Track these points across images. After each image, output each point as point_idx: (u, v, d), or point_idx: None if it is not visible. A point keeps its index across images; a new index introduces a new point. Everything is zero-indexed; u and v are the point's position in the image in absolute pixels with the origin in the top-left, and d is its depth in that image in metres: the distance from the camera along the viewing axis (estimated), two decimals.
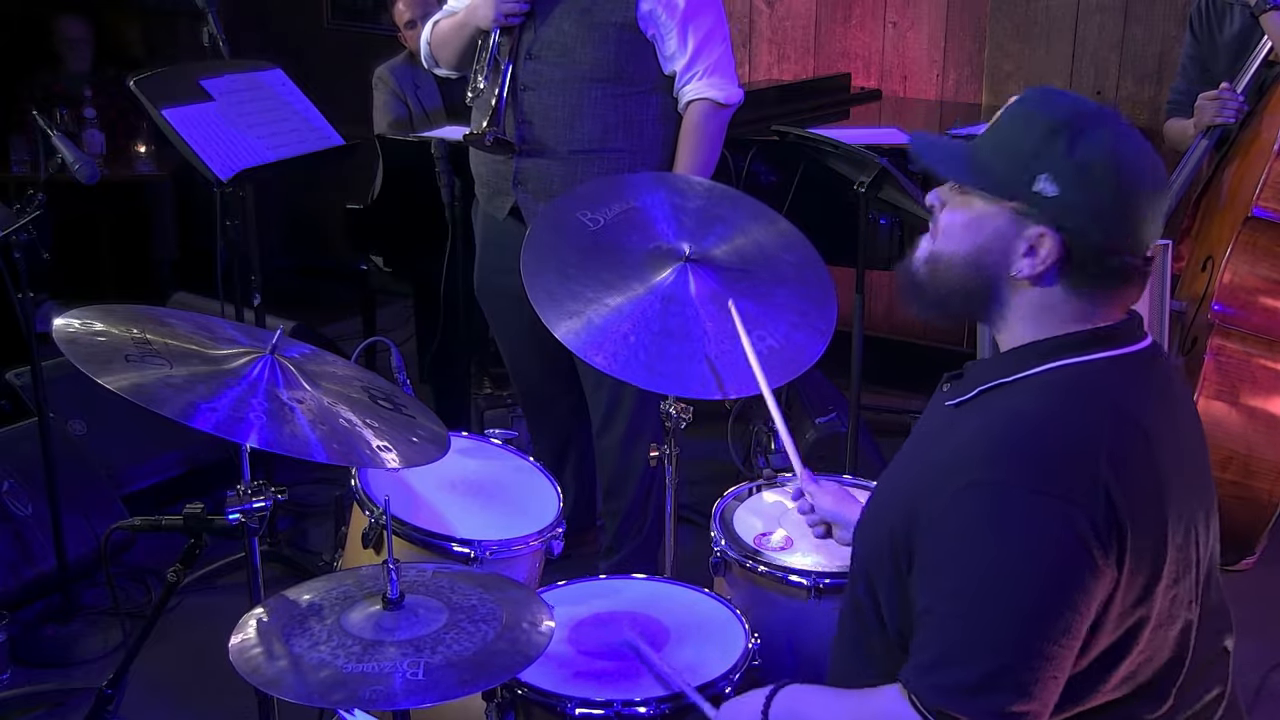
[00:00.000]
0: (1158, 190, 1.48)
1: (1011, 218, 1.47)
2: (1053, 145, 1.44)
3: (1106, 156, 1.43)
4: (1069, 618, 1.38)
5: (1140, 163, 1.46)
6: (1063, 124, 1.45)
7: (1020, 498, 1.40)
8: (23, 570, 3.33)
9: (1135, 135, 1.48)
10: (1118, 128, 1.46)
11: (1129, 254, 1.47)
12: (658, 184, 2.55)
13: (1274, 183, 3.02)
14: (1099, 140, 1.44)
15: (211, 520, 2.10)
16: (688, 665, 1.96)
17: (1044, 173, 1.44)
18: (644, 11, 2.97)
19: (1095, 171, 1.43)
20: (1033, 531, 1.39)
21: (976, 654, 1.40)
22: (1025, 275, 1.48)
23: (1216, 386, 2.94)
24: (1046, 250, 1.46)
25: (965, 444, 1.47)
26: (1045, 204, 1.44)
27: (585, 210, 2.42)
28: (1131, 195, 1.45)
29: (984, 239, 1.50)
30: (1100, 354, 1.49)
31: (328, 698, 1.65)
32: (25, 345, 3.16)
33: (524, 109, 3.05)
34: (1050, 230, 1.45)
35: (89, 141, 5.22)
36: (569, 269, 2.33)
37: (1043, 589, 1.38)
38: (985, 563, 1.40)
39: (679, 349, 2.23)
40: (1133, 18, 4.42)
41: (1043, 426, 1.45)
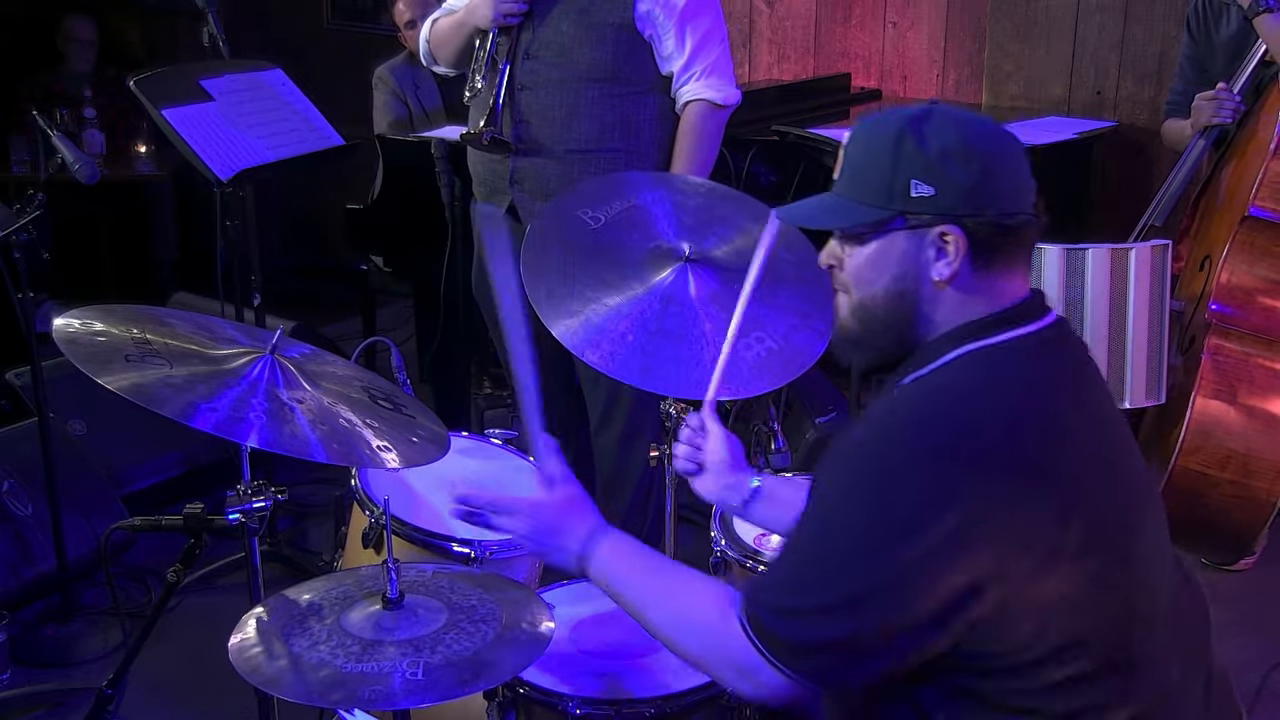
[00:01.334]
0: (1012, 146, 1.52)
1: (908, 235, 1.50)
2: (904, 152, 1.49)
3: (956, 138, 1.48)
4: (909, 593, 1.39)
5: (985, 131, 1.51)
6: (902, 131, 1.49)
7: (901, 455, 1.42)
8: (23, 570, 3.33)
9: (965, 114, 1.54)
10: (948, 113, 1.52)
11: (1020, 210, 1.50)
12: (659, 183, 2.56)
13: (1271, 182, 3.02)
14: (940, 128, 1.49)
15: (211, 520, 2.10)
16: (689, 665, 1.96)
17: (912, 178, 1.48)
18: (641, 12, 2.97)
19: (954, 154, 1.47)
20: (910, 482, 1.40)
21: (802, 587, 1.45)
22: (945, 277, 1.50)
23: (1214, 386, 2.94)
24: (954, 244, 1.49)
25: (868, 420, 1.51)
26: (930, 203, 1.48)
27: (586, 208, 2.43)
28: (994, 160, 1.49)
29: (895, 265, 1.52)
30: (1004, 335, 1.51)
31: (327, 697, 1.65)
32: (25, 345, 3.17)
33: (521, 108, 3.05)
34: (948, 224, 1.48)
35: (89, 141, 5.22)
36: (569, 267, 2.33)
37: (883, 551, 1.39)
38: (839, 509, 1.45)
39: (676, 350, 2.23)
40: (1133, 18, 4.42)
41: (939, 398, 1.48)
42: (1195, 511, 2.92)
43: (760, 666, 1.46)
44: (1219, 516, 2.95)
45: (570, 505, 1.74)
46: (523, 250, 2.37)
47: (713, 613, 1.53)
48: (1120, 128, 4.40)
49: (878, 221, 1.51)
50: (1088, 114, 4.46)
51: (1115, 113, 4.49)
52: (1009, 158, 1.51)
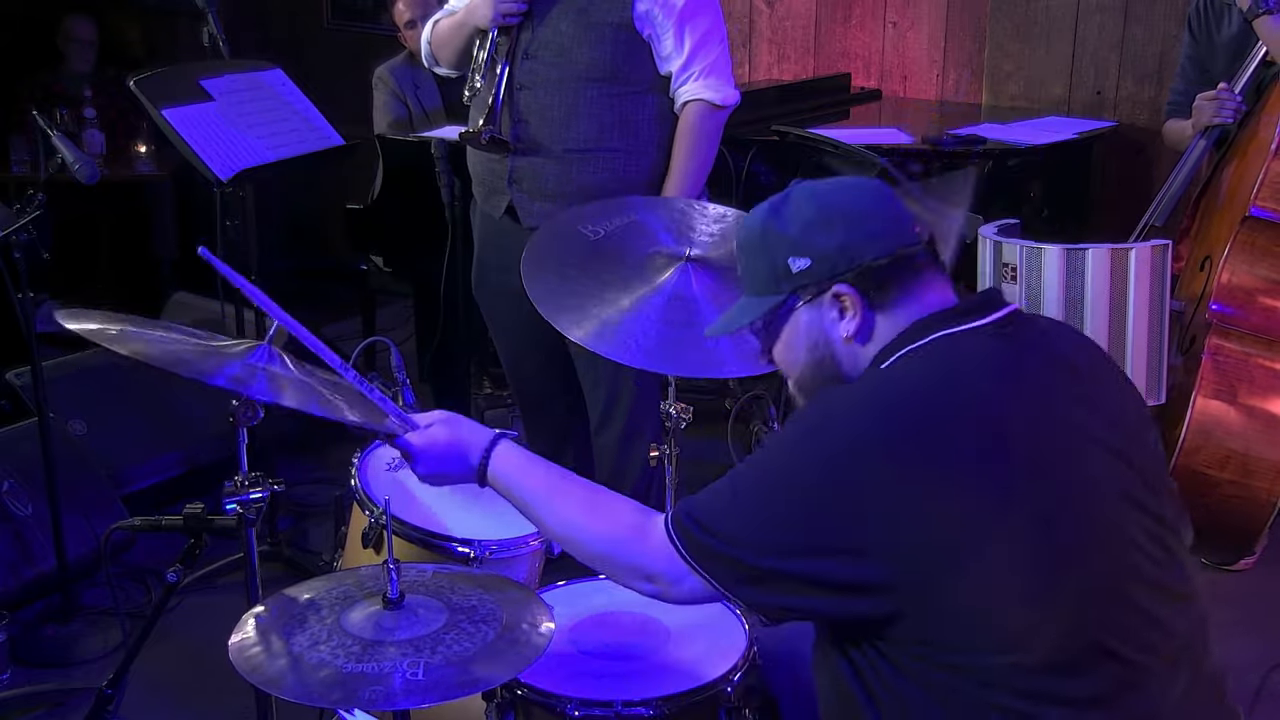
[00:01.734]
0: (869, 192, 1.63)
1: (806, 308, 1.62)
2: (771, 237, 1.62)
3: (812, 209, 1.61)
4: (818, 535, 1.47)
5: (837, 189, 1.64)
6: (764, 220, 1.64)
7: (832, 412, 1.53)
8: (23, 570, 3.33)
9: (814, 183, 1.65)
10: (802, 188, 1.64)
11: (901, 247, 1.59)
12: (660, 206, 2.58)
13: (1272, 182, 3.02)
14: (796, 206, 1.62)
15: (211, 520, 2.10)
16: (687, 666, 1.96)
17: (787, 257, 1.60)
18: (640, 11, 2.97)
19: (814, 223, 1.60)
20: (833, 433, 1.51)
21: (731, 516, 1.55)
22: (852, 333, 1.60)
23: (1215, 386, 2.94)
24: (849, 300, 1.59)
25: None
26: (811, 273, 1.60)
27: (586, 224, 2.44)
28: (854, 214, 1.60)
29: (806, 340, 1.64)
30: (940, 332, 1.57)
31: (327, 697, 1.65)
32: (25, 345, 3.16)
33: (520, 108, 3.05)
34: (835, 284, 1.59)
35: (89, 141, 5.22)
36: (569, 271, 2.34)
37: (799, 499, 1.50)
38: (772, 456, 1.59)
39: (680, 336, 2.24)
40: (1133, 18, 4.42)
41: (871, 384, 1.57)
42: (1195, 512, 2.89)
43: (678, 572, 1.58)
44: (1219, 516, 2.95)
45: (458, 428, 1.81)
46: (522, 266, 2.37)
47: (626, 519, 1.68)
48: (1120, 128, 4.40)
49: (775, 306, 1.64)
50: (1088, 114, 4.46)
51: (1115, 113, 4.49)
52: (867, 204, 1.62)
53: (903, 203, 1.64)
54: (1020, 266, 2.79)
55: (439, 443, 1.80)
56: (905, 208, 1.64)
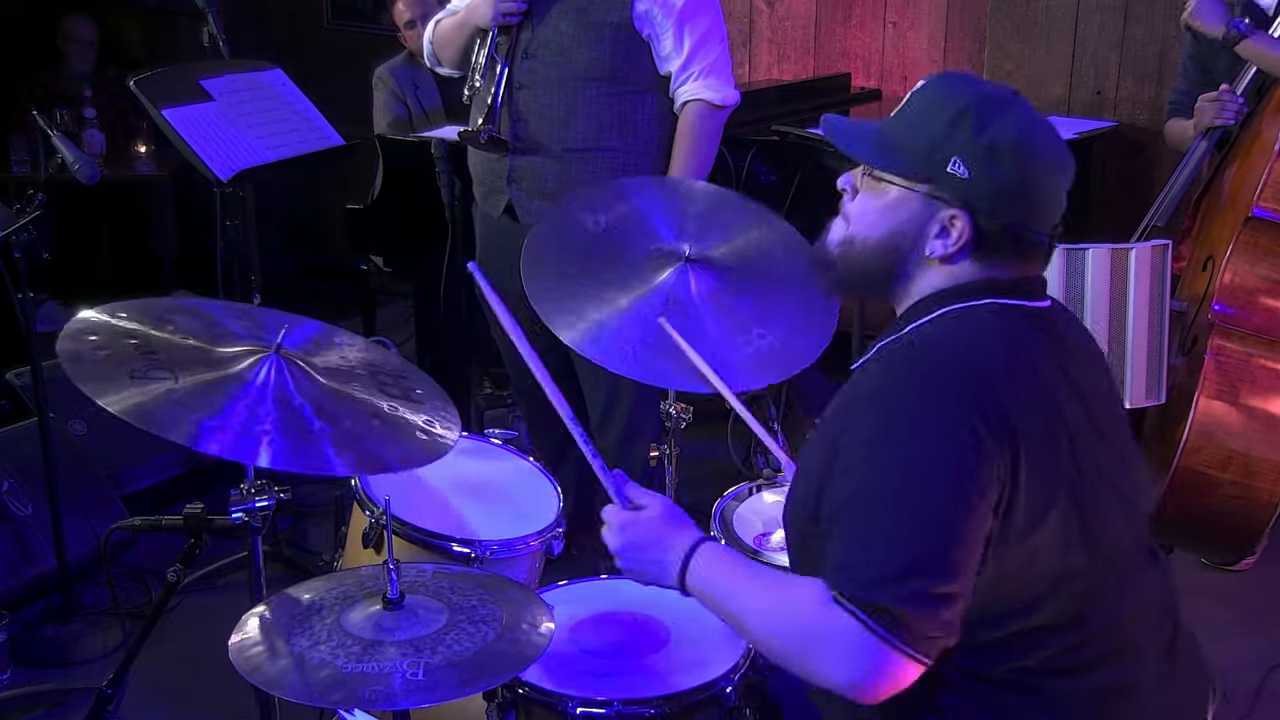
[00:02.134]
0: (1063, 169, 1.55)
1: (924, 201, 1.53)
2: (961, 128, 1.50)
3: (1013, 138, 1.50)
4: (971, 498, 1.40)
5: (1046, 144, 1.53)
6: (969, 108, 1.51)
7: (908, 400, 1.46)
8: (23, 570, 3.33)
9: (1038, 117, 1.55)
10: (1022, 110, 1.53)
11: (1036, 230, 1.54)
12: (657, 188, 2.56)
13: (1274, 183, 3.01)
14: (1005, 123, 1.50)
15: (212, 520, 2.10)
16: (689, 665, 1.96)
17: (955, 155, 1.49)
18: (640, 11, 2.97)
19: (1003, 153, 1.49)
20: (923, 425, 1.43)
21: (892, 544, 1.40)
22: (938, 255, 1.53)
23: (1216, 386, 2.94)
24: (959, 231, 1.51)
25: (864, 383, 1.54)
26: (957, 186, 1.50)
27: (586, 212, 2.43)
28: (1038, 175, 1.52)
29: (898, 223, 1.55)
30: (993, 299, 1.54)
31: (327, 697, 1.65)
32: (25, 345, 3.16)
33: (519, 107, 3.05)
34: (962, 212, 1.51)
35: (89, 141, 5.22)
36: (568, 269, 2.33)
37: (939, 472, 1.41)
38: (883, 460, 1.44)
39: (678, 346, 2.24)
40: (1133, 18, 4.42)
41: (930, 347, 1.52)
42: (1197, 512, 2.92)
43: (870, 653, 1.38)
44: (1221, 517, 2.95)
45: (666, 519, 1.65)
46: (523, 255, 2.37)
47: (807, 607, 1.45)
48: (1120, 128, 4.40)
49: (907, 175, 1.53)
50: (1088, 114, 4.46)
51: (1115, 113, 4.49)
52: (1053, 175, 1.54)
53: (1067, 194, 1.57)
54: None
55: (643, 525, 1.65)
56: (1066, 199, 1.57)
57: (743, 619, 1.53)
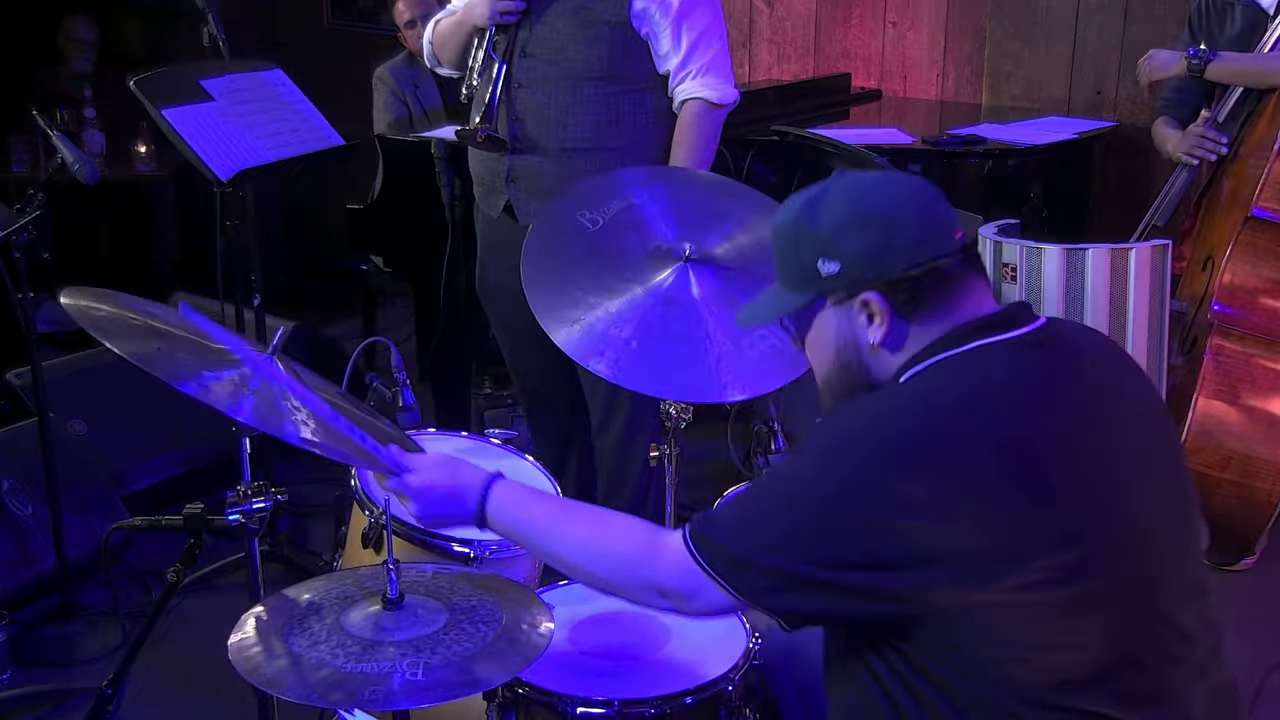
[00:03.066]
0: (909, 195, 1.59)
1: (834, 310, 1.60)
2: (803, 237, 1.59)
3: (844, 211, 1.56)
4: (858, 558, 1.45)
5: (874, 190, 1.59)
6: (797, 217, 1.60)
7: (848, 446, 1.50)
8: (23, 570, 3.33)
9: (861, 177, 1.62)
10: (841, 184, 1.60)
11: (931, 258, 1.54)
12: (655, 179, 2.55)
13: (1274, 183, 3.02)
14: (830, 205, 1.57)
15: (211, 520, 2.10)
16: (688, 665, 1.96)
17: (818, 259, 1.57)
18: (637, 10, 2.97)
19: (848, 226, 1.56)
20: (851, 472, 1.47)
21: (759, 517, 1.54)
22: (879, 340, 1.58)
23: (1216, 386, 2.95)
24: (876, 308, 1.56)
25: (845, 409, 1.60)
26: (841, 279, 1.57)
27: (584, 210, 2.42)
28: (888, 219, 1.56)
29: (835, 340, 1.62)
30: (980, 341, 1.55)
31: (327, 697, 1.65)
32: (25, 345, 3.16)
33: (517, 107, 3.05)
34: (864, 293, 1.56)
35: (89, 141, 5.21)
36: (568, 273, 2.33)
37: (829, 507, 1.47)
38: (801, 469, 1.54)
39: (681, 352, 2.23)
40: (1133, 18, 4.42)
41: (899, 394, 1.55)
42: None
43: (698, 586, 1.55)
44: (1220, 517, 2.95)
45: (454, 470, 1.80)
46: (522, 258, 2.36)
47: (636, 538, 1.65)
48: (1120, 128, 4.40)
49: (806, 305, 1.62)
50: (1088, 114, 4.46)
51: (1115, 113, 4.49)
52: (904, 210, 1.57)
53: (944, 206, 1.60)
54: (1020, 266, 2.79)
55: (437, 486, 1.79)
56: (946, 212, 1.60)
57: (555, 545, 1.71)
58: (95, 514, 3.45)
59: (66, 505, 3.25)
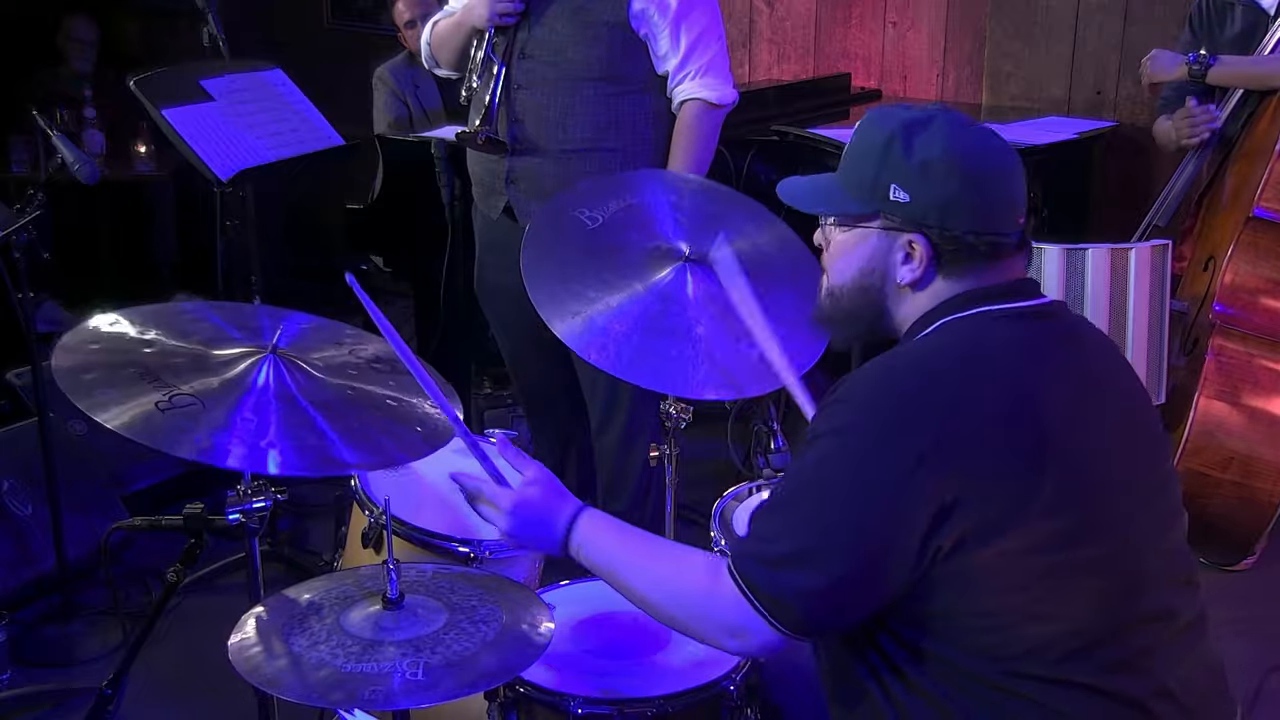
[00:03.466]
0: (1002, 168, 1.58)
1: (880, 234, 1.59)
2: (891, 155, 1.56)
3: (941, 151, 1.55)
4: (881, 522, 1.45)
5: (977, 150, 1.57)
6: (893, 134, 1.57)
7: (856, 414, 1.51)
8: (23, 570, 3.33)
9: (966, 123, 1.59)
10: (947, 123, 1.57)
11: (994, 233, 1.56)
12: (656, 181, 2.55)
13: (1275, 183, 3.02)
14: (931, 140, 1.55)
15: (211, 520, 2.10)
16: (689, 665, 1.96)
17: (892, 183, 1.56)
18: (636, 10, 2.97)
19: (936, 168, 1.54)
20: (865, 440, 1.48)
21: (786, 534, 1.50)
22: (908, 281, 1.59)
23: (1218, 387, 2.94)
24: (919, 253, 1.57)
25: (848, 382, 1.58)
26: (904, 211, 1.56)
27: (584, 208, 2.42)
28: (976, 180, 1.55)
29: (864, 262, 1.62)
30: (983, 308, 1.57)
31: (327, 697, 1.65)
32: (25, 345, 3.16)
33: (517, 108, 3.05)
34: (916, 234, 1.56)
35: (89, 141, 5.21)
36: (568, 268, 2.33)
37: (859, 486, 1.47)
38: (815, 459, 1.52)
39: (679, 349, 2.23)
40: (1133, 18, 4.42)
41: (903, 368, 1.56)
42: (1197, 513, 2.91)
43: (752, 622, 1.52)
44: (1221, 518, 2.95)
45: (548, 494, 1.77)
46: (521, 252, 2.36)
47: (700, 576, 1.59)
48: (1120, 128, 4.40)
49: (857, 215, 1.61)
50: (1088, 114, 4.46)
51: (1115, 113, 4.48)
52: (993, 178, 1.57)
53: (1021, 185, 1.60)
54: None
55: (532, 503, 1.76)
56: (1021, 191, 1.60)
57: (633, 582, 1.66)
58: (95, 514, 3.45)
59: (66, 505, 3.25)
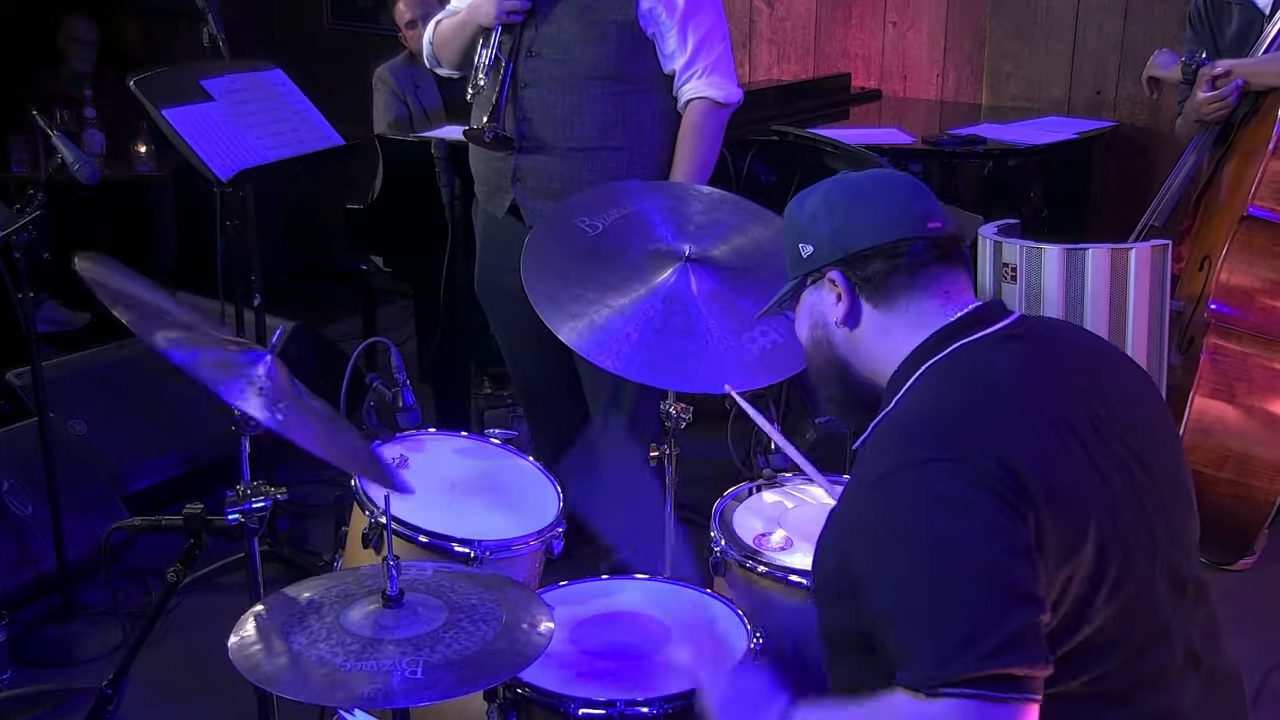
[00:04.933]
0: (882, 183, 1.68)
1: (810, 290, 1.71)
2: (791, 223, 1.72)
3: (822, 197, 1.68)
4: (1012, 560, 1.40)
5: (850, 180, 1.69)
6: (791, 209, 1.72)
7: (914, 475, 1.45)
8: (23, 570, 3.33)
9: (850, 175, 1.71)
10: (834, 179, 1.71)
11: (897, 242, 1.61)
12: (655, 191, 2.57)
13: (1270, 181, 3.01)
14: (813, 194, 1.69)
15: (211, 520, 2.10)
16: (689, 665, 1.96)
17: (799, 243, 1.69)
18: (644, 10, 2.98)
19: (820, 212, 1.67)
20: (934, 494, 1.43)
21: (945, 622, 1.40)
22: (841, 316, 1.65)
23: (1213, 385, 2.94)
24: (838, 285, 1.64)
25: (865, 463, 1.55)
26: (814, 260, 1.67)
27: (583, 217, 2.44)
28: (856, 203, 1.65)
29: (809, 318, 1.72)
30: (959, 342, 1.58)
31: (326, 696, 1.65)
32: (25, 345, 3.17)
33: (524, 106, 3.05)
34: (830, 270, 1.65)
35: (89, 141, 5.22)
36: (570, 273, 2.34)
37: (967, 534, 1.41)
38: (914, 542, 1.43)
39: (683, 346, 2.24)
40: (1133, 18, 4.42)
41: (920, 410, 1.55)
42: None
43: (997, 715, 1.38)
44: (1217, 516, 2.95)
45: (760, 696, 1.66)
46: (523, 258, 2.37)
47: None
48: (1120, 128, 4.40)
49: (791, 289, 1.73)
50: (1088, 114, 4.46)
51: (1115, 113, 4.49)
52: (872, 194, 1.66)
53: (923, 198, 1.66)
54: (1020, 266, 2.79)
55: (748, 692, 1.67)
56: (923, 203, 1.65)
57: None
58: (95, 514, 3.45)
59: (66, 505, 3.25)
